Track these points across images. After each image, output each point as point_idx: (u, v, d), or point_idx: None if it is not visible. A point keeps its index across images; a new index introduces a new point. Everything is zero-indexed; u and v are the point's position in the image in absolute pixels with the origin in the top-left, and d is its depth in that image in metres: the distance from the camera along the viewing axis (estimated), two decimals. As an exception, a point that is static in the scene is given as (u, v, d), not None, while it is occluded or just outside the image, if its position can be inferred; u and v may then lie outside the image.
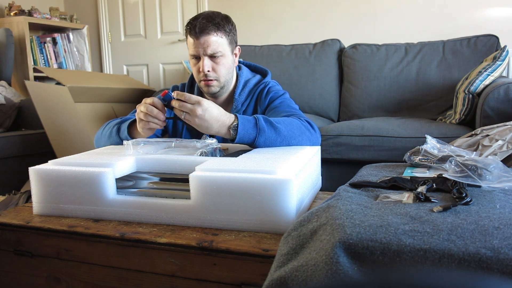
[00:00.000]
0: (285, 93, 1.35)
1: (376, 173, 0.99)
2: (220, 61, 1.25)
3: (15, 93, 2.59)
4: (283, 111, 1.25)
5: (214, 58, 1.25)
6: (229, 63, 1.29)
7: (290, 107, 1.28)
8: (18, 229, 0.91)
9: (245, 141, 1.07)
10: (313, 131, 1.17)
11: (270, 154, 0.96)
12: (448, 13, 2.59)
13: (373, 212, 0.63)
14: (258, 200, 0.79)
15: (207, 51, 1.22)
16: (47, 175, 0.93)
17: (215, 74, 1.26)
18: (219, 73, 1.27)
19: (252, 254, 0.73)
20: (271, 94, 1.33)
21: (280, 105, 1.29)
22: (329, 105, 2.54)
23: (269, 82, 1.38)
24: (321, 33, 2.83)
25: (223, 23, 1.24)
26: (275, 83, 1.39)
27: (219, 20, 1.24)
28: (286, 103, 1.30)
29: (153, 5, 3.39)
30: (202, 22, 1.21)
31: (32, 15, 3.09)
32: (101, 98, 2.57)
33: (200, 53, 1.23)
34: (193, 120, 1.01)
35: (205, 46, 1.22)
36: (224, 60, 1.26)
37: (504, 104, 1.73)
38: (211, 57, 1.24)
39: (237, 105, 1.34)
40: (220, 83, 1.29)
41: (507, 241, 0.50)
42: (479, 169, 0.79)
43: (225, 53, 1.26)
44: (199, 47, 1.23)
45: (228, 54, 1.28)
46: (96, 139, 1.33)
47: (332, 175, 1.95)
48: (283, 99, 1.32)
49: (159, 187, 0.97)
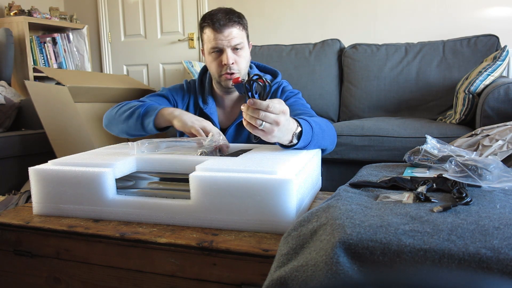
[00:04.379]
0: (298, 93, 1.38)
1: (376, 173, 0.99)
2: (242, 53, 1.28)
3: (15, 93, 2.59)
4: (297, 109, 1.26)
5: (236, 51, 1.27)
6: (248, 57, 1.32)
7: (304, 106, 1.30)
8: (18, 229, 0.91)
9: (300, 147, 0.98)
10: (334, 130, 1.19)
11: (270, 154, 0.96)
12: (448, 13, 2.59)
13: (373, 212, 0.63)
14: (258, 200, 0.79)
15: (231, 42, 1.24)
16: (47, 175, 0.93)
17: (237, 67, 1.28)
18: (241, 66, 1.29)
19: (252, 254, 0.73)
20: (286, 93, 1.36)
21: (294, 103, 1.31)
22: (329, 105, 2.54)
23: (282, 82, 1.41)
24: (321, 33, 2.84)
25: (241, 17, 1.29)
26: (287, 83, 1.42)
27: (238, 14, 1.28)
28: (300, 102, 1.33)
29: (153, 5, 3.39)
30: (224, 15, 1.24)
31: (32, 15, 3.09)
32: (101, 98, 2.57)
33: (224, 45, 1.24)
34: (272, 130, 0.86)
35: (229, 38, 1.24)
36: (244, 53, 1.30)
37: (504, 104, 1.73)
38: (233, 50, 1.26)
39: None
40: (241, 75, 1.30)
41: (507, 241, 0.50)
42: (479, 169, 0.79)
43: (245, 45, 1.30)
44: (222, 39, 1.24)
45: (247, 47, 1.32)
46: (109, 118, 1.30)
47: (332, 175, 1.95)
48: (297, 98, 1.35)
49: (159, 187, 0.97)
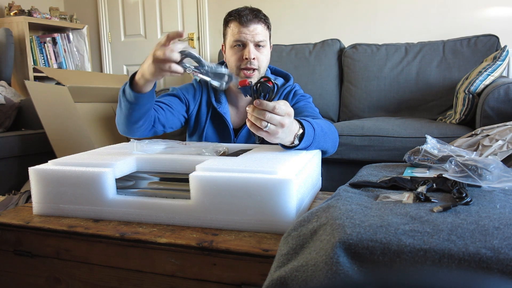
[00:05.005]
0: (309, 97, 1.40)
1: (376, 173, 0.99)
2: (264, 51, 1.30)
3: (15, 93, 2.59)
4: (305, 111, 1.28)
5: (258, 48, 1.28)
6: (269, 56, 1.34)
7: (312, 109, 1.32)
8: (18, 229, 0.91)
9: (301, 148, 0.99)
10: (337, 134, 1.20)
11: (271, 154, 0.96)
12: (448, 13, 2.59)
13: (373, 212, 0.63)
14: (258, 200, 0.79)
15: (255, 38, 1.26)
16: (47, 175, 0.93)
17: (257, 63, 1.29)
18: (261, 63, 1.30)
19: (252, 254, 0.73)
20: (298, 97, 1.38)
21: (304, 106, 1.33)
22: (329, 105, 2.54)
23: (295, 85, 1.43)
24: (321, 33, 2.83)
25: (267, 17, 1.31)
26: (299, 87, 1.44)
27: (263, 14, 1.31)
28: (309, 106, 1.34)
29: (153, 5, 3.39)
30: (251, 12, 1.27)
31: (32, 15, 3.09)
32: (101, 98, 2.57)
33: (247, 39, 1.26)
34: (277, 132, 0.86)
35: (254, 33, 1.26)
36: (266, 51, 1.31)
37: (504, 104, 1.73)
38: (256, 46, 1.28)
39: None
40: (260, 73, 1.31)
41: (507, 241, 0.50)
42: (479, 169, 0.79)
43: (267, 44, 1.31)
44: (247, 33, 1.26)
45: (268, 47, 1.33)
46: (117, 122, 1.25)
47: (332, 175, 1.95)
48: (307, 102, 1.37)
49: (159, 187, 0.97)
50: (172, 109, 1.31)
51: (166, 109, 1.29)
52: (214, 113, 1.39)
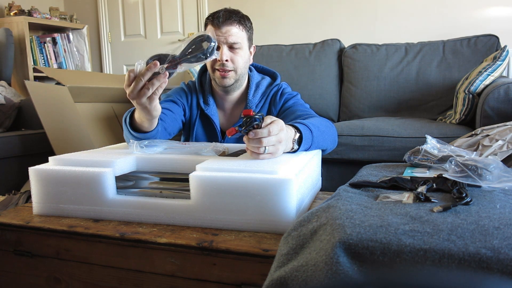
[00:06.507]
0: (297, 94, 1.39)
1: (376, 173, 0.99)
2: (239, 52, 1.29)
3: (15, 93, 2.59)
4: (297, 110, 1.28)
5: (233, 49, 1.28)
6: (246, 57, 1.33)
7: (303, 107, 1.32)
8: (18, 229, 0.91)
9: (301, 151, 1.01)
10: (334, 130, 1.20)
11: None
12: (448, 13, 2.59)
13: (373, 212, 0.63)
14: (258, 200, 0.79)
15: (228, 40, 1.26)
16: (47, 175, 0.93)
17: (232, 65, 1.28)
18: (237, 64, 1.29)
19: (252, 254, 0.73)
20: (285, 96, 1.37)
21: (294, 105, 1.32)
22: (329, 105, 2.54)
23: (282, 84, 1.42)
24: (321, 33, 2.84)
25: (244, 19, 1.31)
26: (286, 85, 1.43)
27: (241, 15, 1.30)
28: (299, 103, 1.34)
29: (153, 5, 3.39)
30: (225, 13, 1.26)
31: (32, 15, 3.09)
32: (101, 98, 2.57)
33: (220, 41, 1.26)
34: (277, 149, 0.89)
35: (226, 35, 1.25)
36: (242, 52, 1.30)
37: (504, 104, 1.73)
38: (230, 48, 1.27)
39: (251, 106, 1.36)
40: (236, 75, 1.30)
41: (507, 241, 0.50)
42: (479, 169, 0.79)
43: (244, 46, 1.30)
44: (220, 35, 1.25)
45: (246, 48, 1.32)
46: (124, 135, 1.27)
47: (332, 175, 1.95)
48: (296, 99, 1.36)
49: (159, 187, 0.97)
50: (174, 115, 1.32)
51: (170, 115, 1.30)
52: (202, 115, 1.40)
